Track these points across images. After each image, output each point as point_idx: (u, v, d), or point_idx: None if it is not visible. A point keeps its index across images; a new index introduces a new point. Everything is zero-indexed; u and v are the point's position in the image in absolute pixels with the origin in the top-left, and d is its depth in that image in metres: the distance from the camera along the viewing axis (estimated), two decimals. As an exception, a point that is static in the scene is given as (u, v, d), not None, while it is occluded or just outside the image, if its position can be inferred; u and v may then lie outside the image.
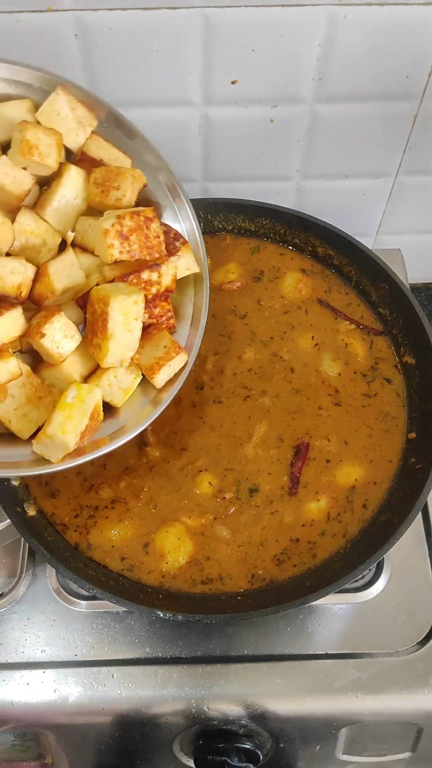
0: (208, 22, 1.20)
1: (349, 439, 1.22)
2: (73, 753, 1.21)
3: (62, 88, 1.04)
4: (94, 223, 1.01)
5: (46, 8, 1.17)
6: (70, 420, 0.94)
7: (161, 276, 1.01)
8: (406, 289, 1.28)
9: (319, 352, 1.30)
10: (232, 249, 1.40)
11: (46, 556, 1.08)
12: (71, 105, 1.04)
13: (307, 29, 1.22)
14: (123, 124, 1.10)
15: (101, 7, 1.17)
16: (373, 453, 1.21)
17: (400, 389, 1.27)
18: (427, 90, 1.33)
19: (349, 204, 1.57)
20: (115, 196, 1.01)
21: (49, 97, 1.04)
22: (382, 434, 1.23)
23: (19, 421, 0.98)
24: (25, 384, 0.99)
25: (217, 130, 1.39)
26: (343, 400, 1.26)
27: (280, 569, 1.13)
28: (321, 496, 1.17)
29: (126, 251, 0.97)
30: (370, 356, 1.30)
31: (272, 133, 1.40)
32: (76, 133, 1.05)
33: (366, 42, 1.24)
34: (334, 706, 1.16)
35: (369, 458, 1.21)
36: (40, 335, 0.95)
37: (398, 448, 1.22)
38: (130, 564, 1.13)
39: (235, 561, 1.13)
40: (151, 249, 0.99)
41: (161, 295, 1.03)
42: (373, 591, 1.22)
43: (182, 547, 1.11)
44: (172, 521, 1.14)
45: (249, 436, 1.21)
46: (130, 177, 1.02)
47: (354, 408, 1.25)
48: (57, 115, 1.04)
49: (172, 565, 1.11)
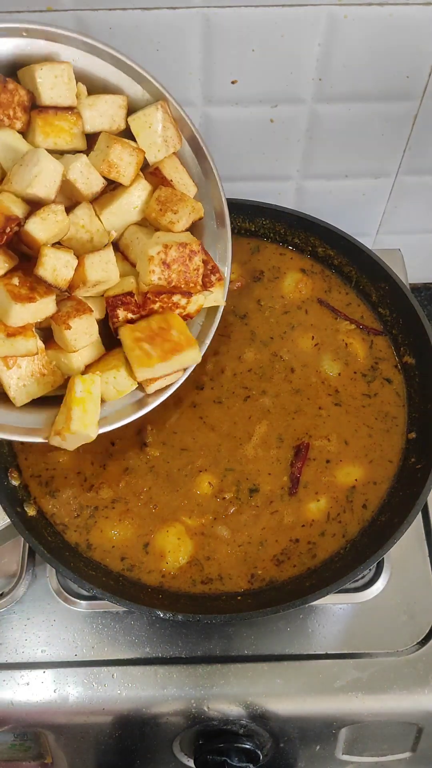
0: (208, 22, 1.20)
1: (349, 439, 1.22)
2: (73, 753, 1.21)
3: (162, 105, 1.06)
4: (142, 238, 1.05)
5: (46, 8, 1.17)
6: (87, 413, 0.99)
7: (189, 303, 1.05)
8: (406, 289, 1.28)
9: (319, 352, 1.30)
10: (232, 249, 1.40)
11: (46, 556, 1.08)
12: (164, 123, 1.06)
13: (307, 29, 1.22)
14: (204, 157, 1.12)
15: (101, 7, 1.17)
16: (373, 453, 1.21)
17: (400, 389, 1.27)
18: (427, 90, 1.33)
19: (349, 204, 1.57)
20: (170, 218, 1.05)
21: (147, 109, 1.06)
22: (383, 434, 1.23)
23: (18, 390, 1.01)
24: (33, 359, 1.02)
25: (217, 130, 1.39)
26: (343, 400, 1.26)
27: (280, 569, 1.13)
28: (321, 497, 1.17)
29: (165, 278, 1.02)
30: (370, 356, 1.30)
31: (272, 133, 1.40)
32: (158, 149, 1.07)
33: (366, 42, 1.24)
34: (334, 706, 1.16)
35: (369, 458, 1.21)
36: (66, 326, 0.97)
37: (398, 448, 1.22)
38: (130, 564, 1.13)
39: (235, 561, 1.13)
40: (188, 281, 1.04)
41: (182, 317, 1.07)
42: (373, 591, 1.22)
43: (182, 547, 1.11)
44: (172, 521, 1.14)
45: (249, 437, 1.21)
46: (190, 206, 1.06)
47: (354, 408, 1.25)
48: (148, 128, 1.06)
49: (172, 565, 1.11)
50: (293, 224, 1.38)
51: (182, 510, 1.15)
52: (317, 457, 1.20)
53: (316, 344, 1.30)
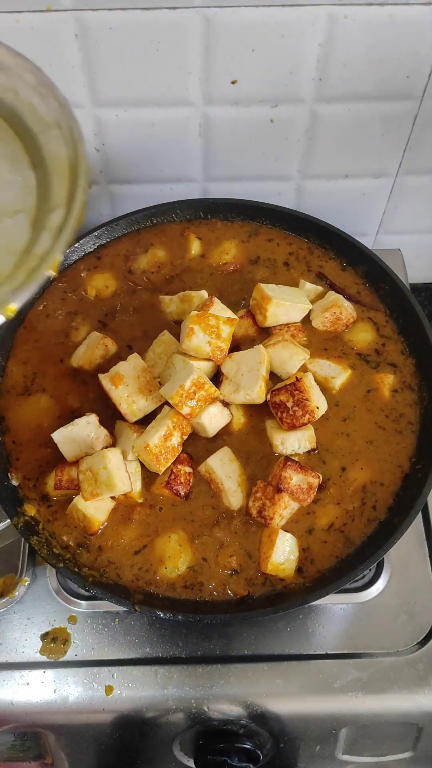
0: (208, 22, 1.20)
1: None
2: (73, 753, 1.21)
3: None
4: (179, 368, 1.13)
5: (46, 8, 1.17)
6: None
7: (192, 414, 1.11)
8: (406, 289, 1.28)
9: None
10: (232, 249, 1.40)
11: (46, 555, 1.08)
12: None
13: (307, 29, 1.22)
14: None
15: (101, 7, 1.17)
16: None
17: (400, 389, 1.27)
18: (427, 90, 1.33)
19: (349, 204, 1.57)
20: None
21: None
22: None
23: (129, 406, 1.13)
24: (139, 376, 1.14)
25: (217, 130, 1.39)
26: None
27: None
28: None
29: (186, 406, 1.09)
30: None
31: (272, 133, 1.40)
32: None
33: (366, 42, 1.24)
34: (334, 706, 1.16)
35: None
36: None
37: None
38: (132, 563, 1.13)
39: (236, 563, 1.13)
40: (201, 399, 1.11)
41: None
42: (373, 591, 1.22)
43: (183, 554, 1.11)
44: (175, 525, 1.13)
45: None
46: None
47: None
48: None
49: (172, 567, 1.11)
50: (293, 224, 1.38)
51: (185, 514, 1.14)
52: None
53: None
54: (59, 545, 1.11)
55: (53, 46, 1.23)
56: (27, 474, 1.17)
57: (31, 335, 1.29)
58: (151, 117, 1.37)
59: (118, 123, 1.37)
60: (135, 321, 1.30)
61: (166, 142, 1.42)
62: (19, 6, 1.16)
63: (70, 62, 1.26)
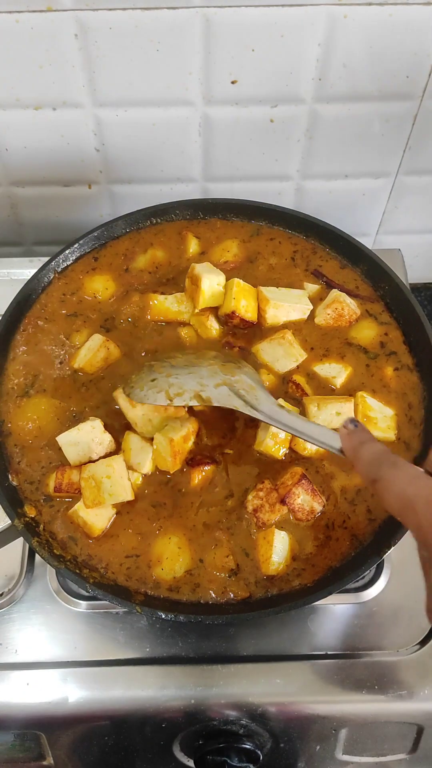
0: (208, 22, 1.20)
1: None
2: (73, 753, 1.21)
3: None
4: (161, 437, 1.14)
5: (46, 8, 1.17)
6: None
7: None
8: (406, 289, 1.28)
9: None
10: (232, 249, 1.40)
11: (46, 557, 1.08)
12: None
13: (307, 29, 1.22)
14: None
15: (101, 7, 1.18)
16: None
17: (400, 389, 1.27)
18: (427, 90, 1.33)
19: (349, 204, 1.58)
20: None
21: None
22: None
23: (145, 425, 1.14)
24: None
25: (217, 130, 1.39)
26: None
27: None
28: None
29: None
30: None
31: (272, 133, 1.40)
32: None
33: (366, 42, 1.24)
34: (334, 706, 1.16)
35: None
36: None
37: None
38: (131, 564, 1.13)
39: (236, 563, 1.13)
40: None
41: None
42: (373, 591, 1.22)
43: (181, 557, 1.11)
44: (174, 526, 1.13)
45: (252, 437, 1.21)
46: None
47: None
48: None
49: (172, 568, 1.11)
50: (293, 224, 1.38)
51: (184, 514, 1.14)
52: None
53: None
54: (60, 546, 1.11)
55: (53, 46, 1.23)
56: (27, 476, 1.16)
57: (31, 337, 1.29)
58: (151, 117, 1.37)
59: (118, 123, 1.37)
60: (134, 323, 1.30)
61: (166, 142, 1.42)
62: (19, 6, 1.16)
63: (70, 62, 1.26)
